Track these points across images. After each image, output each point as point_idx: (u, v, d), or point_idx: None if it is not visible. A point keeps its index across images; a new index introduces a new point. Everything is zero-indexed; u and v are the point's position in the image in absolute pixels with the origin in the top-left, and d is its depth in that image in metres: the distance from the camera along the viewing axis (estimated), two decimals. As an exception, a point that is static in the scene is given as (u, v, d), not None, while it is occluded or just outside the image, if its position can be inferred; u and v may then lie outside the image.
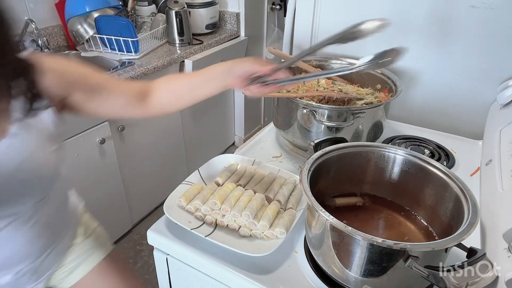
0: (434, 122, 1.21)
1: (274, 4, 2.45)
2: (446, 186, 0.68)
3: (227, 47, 2.11)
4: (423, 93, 1.23)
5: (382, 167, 0.77)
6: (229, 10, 2.27)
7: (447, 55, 1.15)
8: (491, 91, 1.09)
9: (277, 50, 1.18)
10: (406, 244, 0.53)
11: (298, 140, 1.02)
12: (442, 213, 0.69)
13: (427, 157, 0.72)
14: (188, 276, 0.78)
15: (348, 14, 1.25)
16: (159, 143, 1.94)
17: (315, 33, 1.33)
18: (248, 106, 2.54)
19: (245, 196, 0.79)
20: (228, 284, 0.71)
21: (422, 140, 1.08)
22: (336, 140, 0.78)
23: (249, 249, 0.70)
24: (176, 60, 1.84)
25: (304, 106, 0.94)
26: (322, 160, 0.72)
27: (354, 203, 0.78)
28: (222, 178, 0.87)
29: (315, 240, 0.66)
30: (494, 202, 0.72)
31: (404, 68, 1.22)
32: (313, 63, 1.19)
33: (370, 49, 1.33)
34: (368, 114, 0.94)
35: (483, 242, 0.68)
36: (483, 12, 1.05)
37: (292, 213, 0.78)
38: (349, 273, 0.61)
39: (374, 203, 0.79)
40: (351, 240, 0.58)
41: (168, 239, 0.76)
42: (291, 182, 0.87)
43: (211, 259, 0.71)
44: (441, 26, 1.12)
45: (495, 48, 1.08)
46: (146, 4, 2.07)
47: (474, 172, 0.97)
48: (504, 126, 0.89)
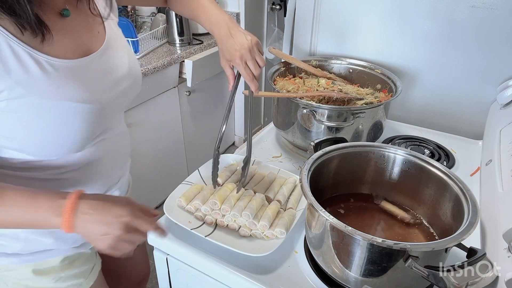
0: (434, 122, 1.21)
1: (274, 4, 2.45)
2: (446, 186, 0.68)
3: (227, 47, 2.11)
4: (423, 93, 1.23)
5: (382, 167, 0.77)
6: (229, 10, 2.26)
7: (447, 55, 1.15)
8: (491, 91, 1.09)
9: (277, 50, 1.18)
10: (406, 244, 0.53)
11: (298, 140, 1.02)
12: (442, 213, 0.69)
13: (427, 157, 0.72)
14: (188, 276, 0.78)
15: (348, 14, 1.25)
16: (159, 143, 1.94)
17: (315, 33, 1.33)
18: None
19: (245, 196, 0.79)
20: (228, 284, 0.71)
21: (422, 140, 1.08)
22: (336, 140, 0.78)
23: (249, 249, 0.70)
24: (176, 60, 1.84)
25: (304, 106, 0.94)
26: (322, 160, 0.72)
27: (397, 214, 0.75)
28: (222, 178, 0.87)
29: (315, 240, 0.66)
30: (494, 202, 0.71)
31: (404, 68, 1.22)
32: (313, 63, 1.19)
33: (370, 49, 1.33)
34: (368, 114, 0.94)
35: (483, 242, 0.68)
36: (483, 12, 1.05)
37: (292, 213, 0.78)
38: (349, 273, 0.61)
39: (374, 203, 0.79)
40: (351, 240, 0.58)
41: (168, 239, 0.76)
42: (291, 182, 0.87)
43: (211, 259, 0.71)
44: (441, 26, 1.12)
45: (495, 48, 1.08)
46: (146, 4, 2.08)
47: (474, 172, 0.97)
48: (504, 126, 0.89)
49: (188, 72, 1.88)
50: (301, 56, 1.37)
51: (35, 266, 0.76)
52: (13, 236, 0.72)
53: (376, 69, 1.13)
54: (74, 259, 0.81)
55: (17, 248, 0.73)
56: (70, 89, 0.61)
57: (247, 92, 0.91)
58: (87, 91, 0.64)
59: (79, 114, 0.63)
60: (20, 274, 0.76)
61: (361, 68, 1.17)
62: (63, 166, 0.68)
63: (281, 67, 1.16)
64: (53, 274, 0.78)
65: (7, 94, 0.56)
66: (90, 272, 0.85)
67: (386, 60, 1.23)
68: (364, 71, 1.16)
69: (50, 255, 0.77)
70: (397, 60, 1.22)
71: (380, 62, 1.22)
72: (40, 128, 0.60)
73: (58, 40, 0.61)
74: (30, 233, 0.72)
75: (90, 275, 0.85)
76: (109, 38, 0.71)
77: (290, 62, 1.16)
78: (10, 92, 0.56)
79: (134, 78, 0.76)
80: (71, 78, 0.62)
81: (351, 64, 1.19)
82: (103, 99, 0.67)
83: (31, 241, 0.73)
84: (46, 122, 0.60)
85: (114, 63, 0.71)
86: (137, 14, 2.07)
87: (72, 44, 0.64)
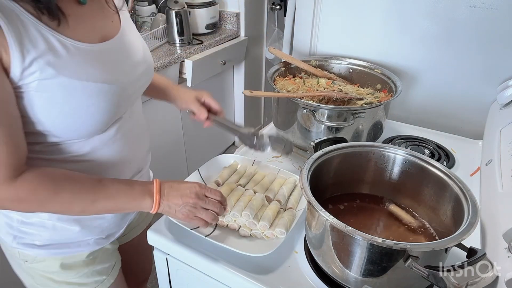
0: (434, 122, 1.21)
1: (274, 4, 2.45)
2: (446, 186, 0.68)
3: (227, 47, 2.10)
4: (423, 93, 1.23)
5: (382, 167, 0.77)
6: (229, 10, 2.26)
7: (447, 55, 1.15)
8: (491, 91, 1.09)
9: (277, 50, 1.18)
10: (406, 244, 0.53)
11: (298, 140, 1.02)
12: (442, 213, 0.69)
13: (427, 157, 0.72)
14: (188, 276, 0.78)
15: (348, 14, 1.25)
16: (159, 143, 1.94)
17: (315, 33, 1.33)
18: (248, 106, 2.54)
19: (245, 196, 0.79)
20: (228, 284, 0.71)
21: (422, 140, 1.08)
22: (336, 140, 0.78)
23: (249, 249, 0.70)
24: (176, 60, 1.84)
25: (304, 106, 0.94)
26: (322, 160, 0.72)
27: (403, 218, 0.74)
28: (222, 178, 0.87)
29: (315, 240, 0.66)
30: (494, 202, 0.71)
31: (404, 68, 1.22)
32: (313, 63, 1.19)
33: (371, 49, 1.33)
34: (368, 114, 0.94)
35: (483, 242, 0.68)
36: (483, 12, 1.05)
37: (292, 213, 0.78)
38: (349, 273, 0.61)
39: (374, 203, 0.79)
40: (351, 240, 0.58)
41: (168, 239, 0.76)
42: (291, 182, 0.87)
43: (211, 259, 0.71)
44: (441, 26, 1.12)
45: (495, 48, 1.08)
46: (146, 4, 2.07)
47: (474, 172, 0.97)
48: (504, 126, 0.89)
49: (188, 72, 1.88)
50: (301, 56, 1.37)
51: (63, 260, 0.79)
52: (39, 224, 0.75)
53: (376, 69, 1.13)
54: (98, 254, 0.84)
55: (45, 236, 0.76)
56: (94, 71, 0.65)
57: (247, 92, 0.91)
58: (109, 73, 0.68)
59: (103, 94, 0.66)
60: (47, 266, 0.79)
61: (361, 68, 1.17)
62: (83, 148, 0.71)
63: (281, 67, 1.16)
64: (78, 269, 0.81)
65: (39, 75, 0.59)
66: (112, 270, 0.88)
67: (386, 60, 1.23)
68: (364, 71, 1.16)
69: (78, 249, 0.80)
70: (397, 60, 1.22)
71: (380, 62, 1.22)
72: (69, 108, 0.63)
73: (77, 25, 0.65)
74: (56, 221, 0.75)
75: (111, 273, 0.88)
76: (123, 27, 0.75)
77: (290, 62, 1.16)
78: (42, 72, 0.59)
79: (148, 64, 0.80)
80: (94, 60, 0.66)
81: (351, 64, 1.19)
82: (124, 80, 0.71)
83: (58, 229, 0.76)
84: (75, 102, 0.63)
85: (130, 49, 0.75)
86: (137, 14, 2.07)
87: (89, 30, 0.67)
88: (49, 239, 0.77)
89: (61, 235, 0.77)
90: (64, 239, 0.78)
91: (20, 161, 0.61)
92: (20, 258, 0.79)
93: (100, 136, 0.71)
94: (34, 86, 0.59)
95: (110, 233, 0.84)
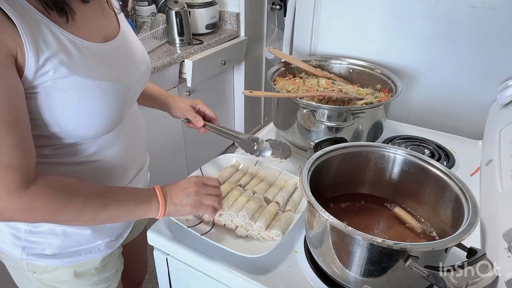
0: (434, 122, 1.21)
1: (274, 4, 2.45)
2: (446, 186, 0.68)
3: (227, 47, 2.10)
4: (423, 93, 1.23)
5: (382, 167, 0.77)
6: (229, 10, 2.26)
7: (447, 55, 1.15)
8: (491, 91, 1.09)
9: (277, 50, 1.18)
10: (406, 244, 0.53)
11: (298, 140, 1.02)
12: (442, 213, 0.69)
13: (427, 157, 0.72)
14: (188, 276, 0.78)
15: (348, 14, 1.25)
16: (159, 144, 1.94)
17: (315, 33, 1.33)
18: (248, 106, 2.54)
19: (243, 197, 0.79)
20: (228, 284, 0.71)
21: (422, 140, 1.08)
22: (336, 140, 0.78)
23: (244, 249, 0.70)
24: (176, 60, 1.84)
25: (304, 106, 0.94)
26: (322, 160, 0.72)
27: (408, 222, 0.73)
28: (223, 177, 0.87)
29: (315, 240, 0.66)
30: (494, 202, 0.71)
31: (404, 68, 1.22)
32: (313, 63, 1.19)
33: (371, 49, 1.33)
34: (368, 114, 0.94)
35: (483, 242, 0.68)
36: (483, 12, 1.05)
37: (290, 215, 0.78)
38: (349, 273, 0.61)
39: (374, 203, 0.79)
40: (351, 240, 0.58)
41: (168, 239, 0.76)
42: (292, 184, 0.87)
43: (211, 259, 0.71)
44: (441, 26, 1.12)
45: (495, 48, 1.08)
46: (146, 4, 2.07)
47: (474, 172, 0.97)
48: (504, 126, 0.89)
49: (188, 72, 1.88)
50: (301, 56, 1.37)
51: (76, 268, 0.78)
52: (49, 231, 0.72)
53: (376, 69, 1.13)
54: (108, 261, 0.83)
55: (56, 244, 0.74)
56: (103, 69, 0.66)
57: (247, 92, 0.91)
58: (117, 72, 0.68)
59: (114, 93, 0.67)
60: (59, 275, 0.77)
61: (361, 68, 1.17)
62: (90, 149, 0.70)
63: (281, 67, 1.15)
64: (89, 277, 0.80)
65: (52, 74, 0.58)
66: (115, 275, 0.87)
67: (386, 60, 1.23)
68: (364, 71, 1.16)
69: (90, 255, 0.78)
70: (397, 60, 1.22)
71: (380, 62, 1.22)
72: (84, 107, 0.63)
73: (83, 24, 0.65)
74: (67, 226, 0.73)
75: (114, 278, 0.87)
76: (123, 27, 0.75)
77: (290, 62, 1.16)
78: (55, 72, 0.58)
79: (147, 64, 0.80)
80: (102, 59, 0.66)
81: (351, 64, 1.19)
82: (130, 79, 0.72)
83: (69, 234, 0.74)
84: (89, 101, 0.63)
85: (132, 49, 0.76)
86: (137, 14, 2.07)
87: (94, 29, 0.68)
88: (60, 247, 0.74)
89: (72, 240, 0.75)
90: (75, 246, 0.75)
91: (32, 165, 0.59)
92: (28, 270, 0.76)
93: (105, 136, 0.71)
94: (47, 86, 0.58)
95: (119, 233, 0.83)
